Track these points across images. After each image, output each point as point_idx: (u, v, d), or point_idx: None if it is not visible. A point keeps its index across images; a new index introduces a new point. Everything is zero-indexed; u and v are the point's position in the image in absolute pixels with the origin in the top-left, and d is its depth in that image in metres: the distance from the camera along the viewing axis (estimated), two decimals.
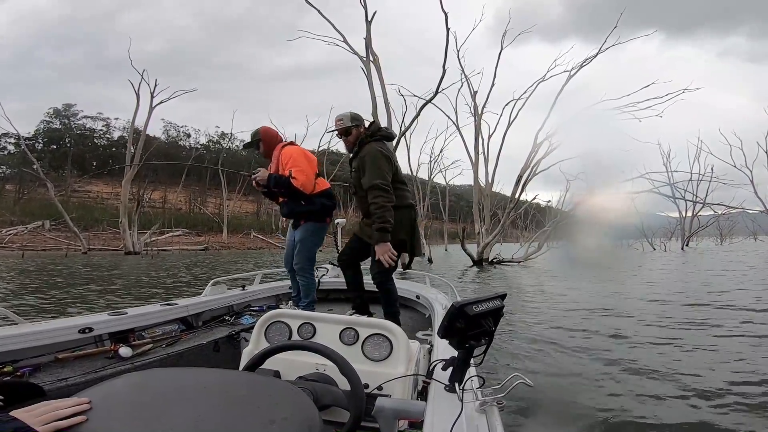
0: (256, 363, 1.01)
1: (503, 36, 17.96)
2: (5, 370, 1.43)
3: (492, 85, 18.11)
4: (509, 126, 17.95)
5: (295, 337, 1.33)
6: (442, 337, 0.98)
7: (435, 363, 1.18)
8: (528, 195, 19.91)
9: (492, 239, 16.44)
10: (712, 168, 27.22)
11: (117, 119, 51.68)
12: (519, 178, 16.63)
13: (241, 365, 1.21)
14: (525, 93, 17.95)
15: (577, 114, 18.67)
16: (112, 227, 32.69)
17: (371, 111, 14.25)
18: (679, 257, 19.74)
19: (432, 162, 28.46)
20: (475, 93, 18.66)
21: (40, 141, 48.20)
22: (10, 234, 28.76)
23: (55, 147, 49.29)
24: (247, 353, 1.30)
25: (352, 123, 2.39)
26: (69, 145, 49.09)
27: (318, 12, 14.52)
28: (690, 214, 30.46)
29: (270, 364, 1.04)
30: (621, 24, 16.57)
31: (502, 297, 1.05)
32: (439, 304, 2.41)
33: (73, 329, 1.69)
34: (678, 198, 26.57)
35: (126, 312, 1.93)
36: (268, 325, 1.35)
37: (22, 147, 27.19)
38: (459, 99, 23.55)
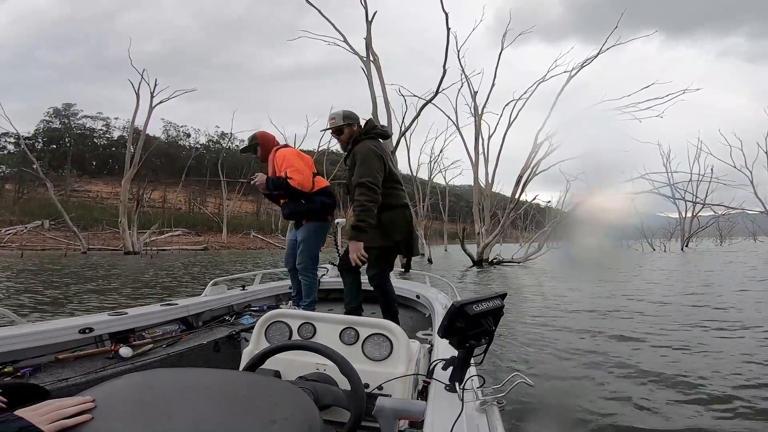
0: (256, 363, 1.01)
1: (503, 36, 17.99)
2: (6, 370, 1.42)
3: (492, 86, 18.14)
4: (509, 126, 17.98)
5: (296, 337, 1.32)
6: (442, 337, 0.98)
7: (435, 363, 1.17)
8: (528, 195, 19.91)
9: (492, 239, 16.44)
10: (711, 169, 27.22)
11: (117, 119, 51.75)
12: (519, 178, 16.65)
13: (242, 365, 1.21)
14: (525, 93, 17.99)
15: (578, 114, 18.71)
16: (111, 227, 32.67)
17: (371, 111, 14.27)
18: (679, 258, 19.74)
19: (432, 162, 28.49)
20: (476, 93, 18.69)
21: (39, 140, 48.19)
22: (9, 233, 28.75)
23: (55, 147, 49.29)
24: (248, 353, 1.30)
25: (344, 122, 2.36)
26: (69, 145, 49.08)
27: (318, 12, 14.54)
28: (690, 214, 30.47)
29: (270, 364, 1.04)
30: (621, 24, 16.62)
31: (502, 296, 1.05)
32: (440, 303, 2.41)
33: (74, 329, 1.69)
34: (678, 198, 26.57)
35: (126, 312, 1.93)
36: (268, 325, 1.35)
37: (21, 146, 27.18)
38: (459, 99, 23.52)
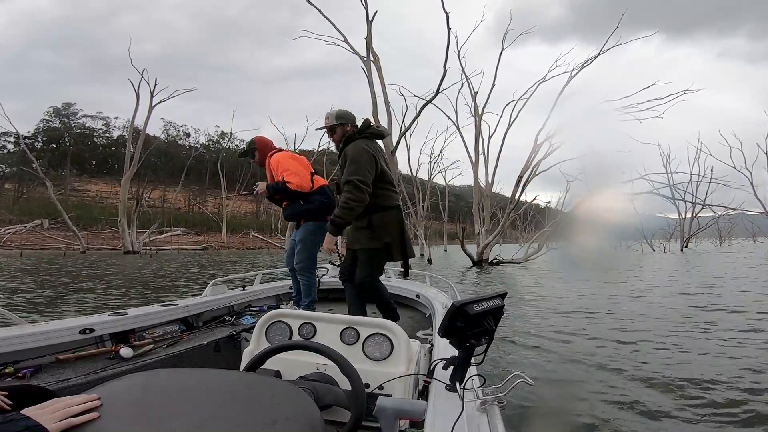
0: (256, 363, 1.01)
1: (504, 36, 17.97)
2: (6, 371, 1.42)
3: (492, 86, 18.12)
4: (509, 127, 17.97)
5: (296, 337, 1.32)
6: (442, 337, 0.98)
7: (436, 362, 1.17)
8: (528, 196, 19.88)
9: (492, 240, 16.43)
10: (711, 169, 27.27)
11: (117, 118, 51.76)
12: (519, 178, 16.62)
13: (242, 365, 1.20)
14: (525, 94, 17.98)
15: (578, 115, 18.70)
16: (111, 226, 32.66)
17: (371, 111, 14.27)
18: (679, 259, 19.75)
19: (432, 162, 28.49)
20: (476, 93, 18.70)
21: (39, 140, 48.15)
22: (8, 233, 28.73)
23: (55, 146, 49.25)
24: (248, 353, 1.30)
25: (336, 121, 2.35)
26: (68, 144, 49.04)
27: (319, 11, 14.54)
28: (689, 215, 30.50)
29: (271, 364, 1.04)
30: (621, 25, 16.59)
31: (502, 296, 1.05)
32: (440, 303, 2.41)
33: (74, 330, 1.69)
34: (678, 199, 26.59)
35: (126, 313, 1.93)
36: (268, 325, 1.34)
37: (21, 146, 27.14)
38: (459, 99, 23.52)
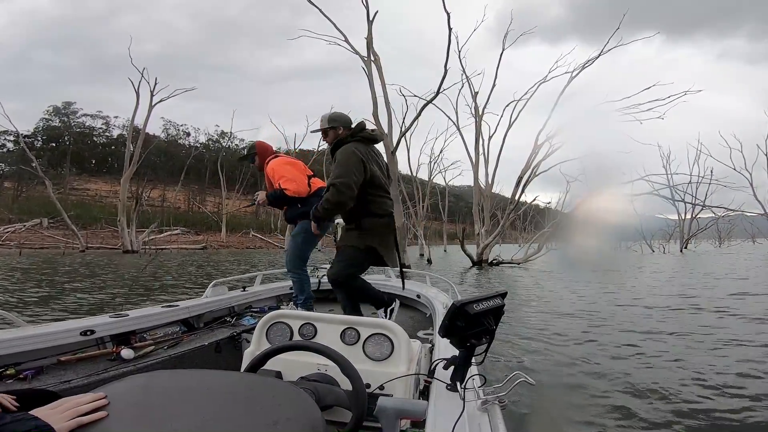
0: (257, 364, 1.01)
1: (504, 37, 17.97)
2: (8, 372, 1.42)
3: (493, 86, 18.13)
4: (510, 127, 17.98)
5: (297, 338, 1.32)
6: (443, 336, 0.99)
7: (436, 362, 1.18)
8: (528, 196, 19.85)
9: (492, 240, 16.43)
10: (711, 171, 27.29)
11: (116, 117, 51.71)
12: (519, 179, 16.61)
13: (243, 366, 1.20)
14: (526, 94, 17.99)
15: (579, 115, 18.70)
16: (110, 225, 32.60)
17: (372, 111, 14.27)
18: (679, 259, 19.75)
19: (432, 163, 28.50)
20: (476, 94, 18.70)
21: (39, 139, 48.11)
22: (8, 231, 28.69)
23: (54, 145, 49.20)
24: (249, 354, 1.30)
25: (328, 124, 2.34)
26: (68, 143, 49.00)
27: (319, 11, 14.55)
28: (689, 216, 30.52)
29: (272, 364, 1.04)
30: (621, 25, 16.59)
31: (502, 295, 1.05)
32: (440, 303, 2.40)
33: (75, 332, 1.68)
34: (677, 200, 26.59)
35: (127, 314, 1.92)
36: (269, 326, 1.35)
37: (21, 144, 27.12)
38: (459, 100, 23.47)
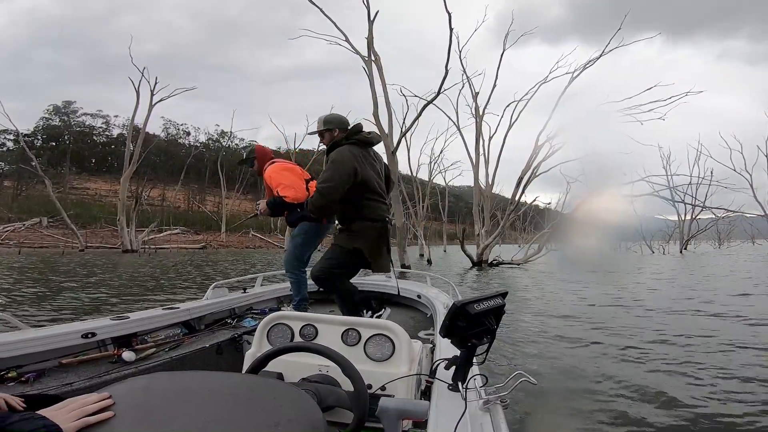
0: (259, 365, 1.01)
1: (505, 37, 17.94)
2: (9, 375, 1.42)
3: (494, 86, 18.09)
4: (510, 128, 17.94)
5: (298, 339, 1.32)
6: (444, 337, 0.98)
7: (438, 362, 1.17)
8: (528, 197, 19.83)
9: (492, 241, 16.43)
10: (711, 172, 27.30)
11: (116, 117, 51.76)
12: (519, 180, 16.58)
13: (244, 368, 1.20)
14: (526, 95, 17.96)
15: (579, 116, 18.67)
16: (110, 225, 32.62)
17: (372, 111, 14.26)
18: (679, 260, 19.77)
19: (432, 163, 28.52)
20: (477, 94, 18.68)
21: (39, 138, 48.12)
22: (7, 231, 28.68)
23: (54, 144, 49.22)
24: (250, 356, 1.30)
25: (324, 126, 2.35)
26: (68, 142, 49.00)
27: (320, 10, 14.52)
28: (689, 217, 30.53)
29: (273, 366, 1.04)
30: (622, 26, 16.56)
31: (503, 295, 1.05)
32: (441, 303, 2.40)
33: (76, 334, 1.68)
34: (677, 201, 26.58)
35: (128, 316, 1.92)
36: (270, 328, 1.34)
37: (20, 143, 27.10)
38: (460, 100, 23.45)
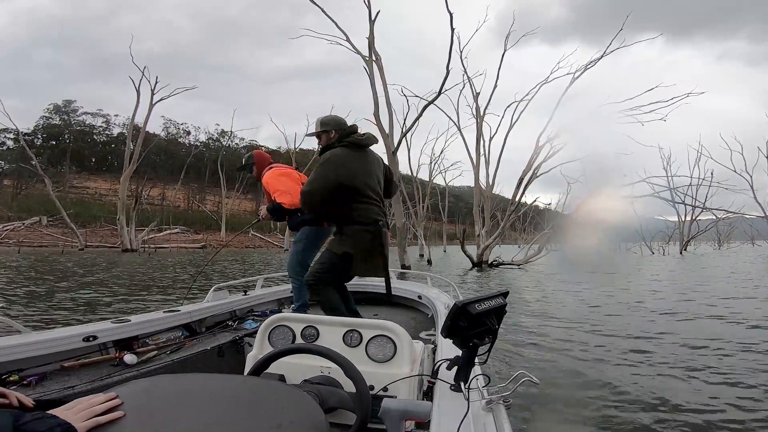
0: (260, 367, 1.01)
1: (506, 38, 17.93)
2: (11, 379, 1.42)
3: (495, 87, 18.07)
4: (511, 128, 17.93)
5: (299, 341, 1.32)
6: (445, 337, 0.98)
7: (439, 363, 1.17)
8: (528, 198, 19.84)
9: (492, 241, 16.41)
10: (712, 173, 27.28)
11: (117, 116, 51.74)
12: (520, 180, 16.57)
13: (246, 370, 1.20)
14: (527, 95, 17.95)
15: (580, 117, 18.67)
16: (109, 224, 32.63)
17: (373, 111, 14.26)
18: (679, 261, 19.77)
19: (432, 163, 28.53)
20: (478, 94, 18.68)
21: (39, 137, 48.09)
22: (7, 229, 28.70)
23: (54, 143, 49.19)
24: (252, 358, 1.30)
25: (321, 128, 2.35)
26: (68, 141, 48.97)
27: (321, 10, 14.54)
28: (689, 218, 30.53)
29: (275, 368, 1.04)
30: (622, 27, 16.54)
31: (504, 295, 1.05)
32: (442, 303, 2.40)
33: (77, 338, 1.68)
34: (678, 202, 26.59)
35: (129, 319, 1.92)
36: (271, 330, 1.34)
37: (20, 142, 27.10)
38: (461, 100, 23.44)
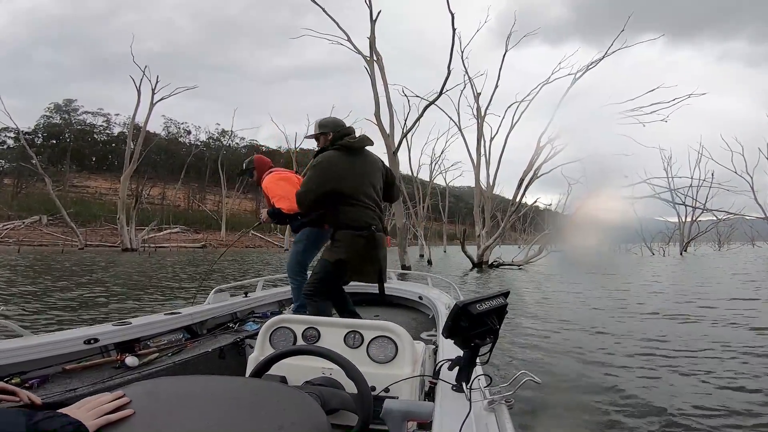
0: (262, 369, 1.01)
1: (508, 38, 17.93)
2: (13, 382, 1.41)
3: (495, 87, 18.09)
4: (512, 128, 17.94)
5: (300, 342, 1.32)
6: (446, 337, 0.98)
7: (441, 363, 1.17)
8: (529, 198, 19.83)
9: (492, 242, 16.41)
10: (712, 174, 27.20)
11: (117, 115, 51.73)
12: (521, 181, 16.56)
13: (247, 372, 1.20)
14: (528, 96, 17.96)
15: (581, 117, 18.69)
16: (109, 223, 32.62)
17: (374, 111, 14.27)
18: (679, 262, 19.77)
19: (433, 163, 28.55)
20: (478, 95, 18.68)
21: (39, 136, 48.09)
22: (7, 228, 28.69)
23: (55, 142, 49.19)
24: (253, 359, 1.30)
25: (319, 130, 2.36)
26: (68, 140, 48.97)
27: (322, 10, 14.56)
28: (689, 219, 30.51)
29: (276, 369, 1.04)
30: (620, 27, 16.53)
31: (505, 295, 1.04)
32: (442, 304, 2.39)
33: (79, 340, 1.68)
34: (678, 203, 26.58)
35: (130, 322, 1.93)
36: (272, 331, 1.34)
37: (21, 141, 27.13)
38: (461, 101, 23.47)
